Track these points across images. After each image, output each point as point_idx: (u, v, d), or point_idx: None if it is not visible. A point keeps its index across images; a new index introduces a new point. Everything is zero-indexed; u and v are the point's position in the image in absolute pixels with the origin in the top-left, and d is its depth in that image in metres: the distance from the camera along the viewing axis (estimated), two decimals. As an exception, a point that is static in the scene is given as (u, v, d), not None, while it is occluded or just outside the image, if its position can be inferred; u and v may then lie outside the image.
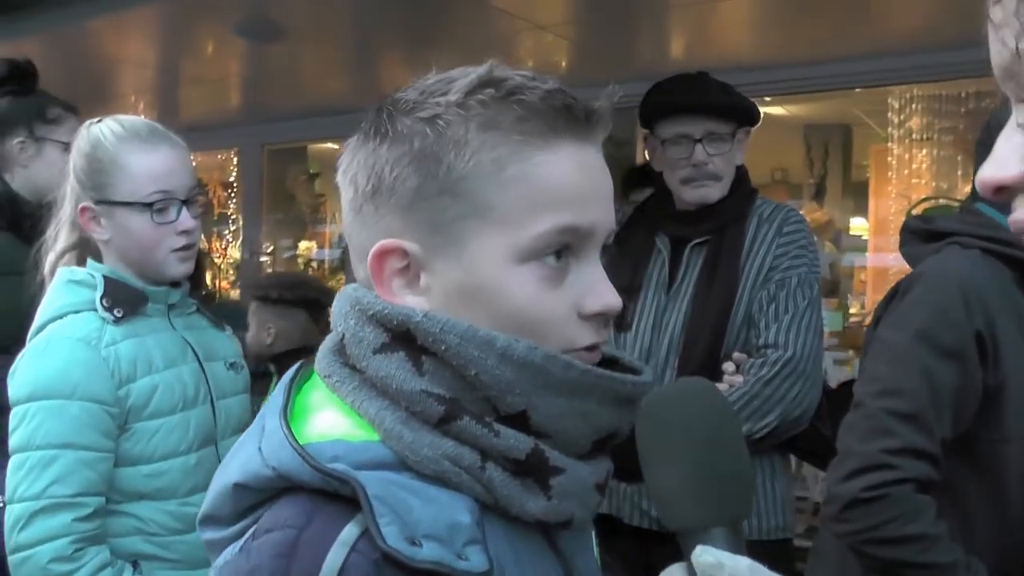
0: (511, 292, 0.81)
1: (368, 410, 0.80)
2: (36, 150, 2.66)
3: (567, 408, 0.80)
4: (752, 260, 2.16)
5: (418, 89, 0.83)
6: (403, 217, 0.82)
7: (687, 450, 0.71)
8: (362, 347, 0.82)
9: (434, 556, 0.72)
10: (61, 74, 4.63)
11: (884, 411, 1.55)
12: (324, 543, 0.73)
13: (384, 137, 0.83)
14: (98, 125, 1.78)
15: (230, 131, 5.40)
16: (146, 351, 1.76)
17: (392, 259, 0.83)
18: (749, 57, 3.90)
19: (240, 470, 0.80)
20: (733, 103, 2.23)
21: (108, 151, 1.75)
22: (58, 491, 1.63)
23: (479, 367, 0.78)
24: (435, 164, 0.80)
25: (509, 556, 0.80)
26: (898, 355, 1.59)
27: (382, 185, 0.82)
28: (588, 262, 0.84)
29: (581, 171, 0.82)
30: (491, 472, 0.79)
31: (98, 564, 1.65)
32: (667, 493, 0.72)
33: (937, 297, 1.58)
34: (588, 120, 0.83)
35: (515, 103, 0.80)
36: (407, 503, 0.74)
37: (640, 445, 0.75)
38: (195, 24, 3.89)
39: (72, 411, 1.66)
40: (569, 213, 0.81)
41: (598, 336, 0.85)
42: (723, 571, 0.68)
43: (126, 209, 1.75)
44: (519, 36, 3.81)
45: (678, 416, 0.73)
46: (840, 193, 5.87)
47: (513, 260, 0.80)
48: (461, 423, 0.78)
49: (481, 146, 0.79)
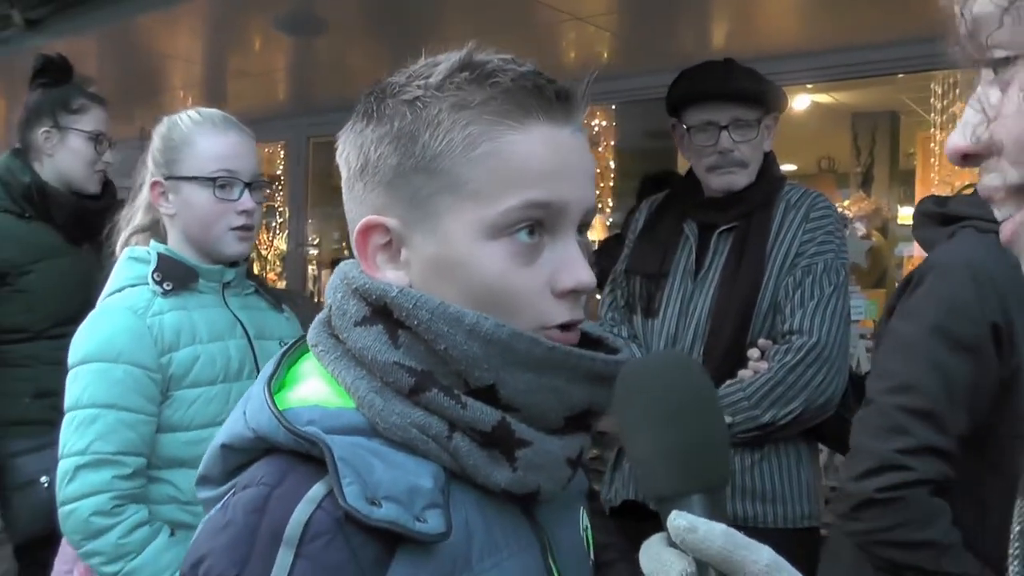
0: (482, 266, 0.84)
1: (345, 379, 0.85)
2: (60, 139, 2.78)
3: (535, 383, 0.83)
4: (779, 246, 2.16)
5: (406, 73, 0.88)
6: (385, 194, 0.86)
7: (659, 419, 0.72)
8: (345, 319, 0.86)
9: (390, 516, 0.75)
10: (115, 69, 4.77)
11: (898, 408, 1.50)
12: (293, 500, 0.77)
13: (371, 118, 0.87)
14: (178, 114, 1.94)
15: (277, 124, 5.48)
16: (191, 323, 1.86)
17: (375, 235, 0.87)
18: (790, 44, 3.87)
19: (227, 432, 0.86)
20: (759, 89, 2.23)
21: (182, 132, 1.90)
22: (100, 447, 1.75)
23: (448, 342, 0.81)
24: (412, 143, 0.84)
25: (478, 523, 0.84)
26: (911, 349, 1.54)
27: (368, 164, 0.87)
28: (562, 240, 0.86)
29: (552, 150, 0.85)
30: (458, 442, 0.82)
31: (135, 521, 1.76)
32: (643, 462, 0.74)
33: (950, 288, 1.53)
34: (560, 100, 0.86)
35: (489, 85, 0.84)
36: (370, 465, 0.78)
37: (617, 417, 0.77)
38: (241, 18, 3.95)
39: (116, 374, 1.78)
40: (537, 189, 0.84)
41: (572, 314, 0.87)
42: (696, 534, 0.69)
43: (191, 183, 1.88)
44: (561, 28, 3.82)
45: (650, 386, 0.74)
46: (888, 181, 5.78)
47: (484, 235, 0.84)
48: (430, 394, 0.82)
49: (453, 125, 0.83)
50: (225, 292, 1.96)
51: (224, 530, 0.79)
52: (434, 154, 0.84)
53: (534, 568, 0.89)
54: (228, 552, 0.77)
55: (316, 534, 0.75)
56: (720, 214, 2.23)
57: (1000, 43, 0.60)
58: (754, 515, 2.09)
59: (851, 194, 5.77)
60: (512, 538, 0.87)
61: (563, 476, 0.88)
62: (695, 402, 0.74)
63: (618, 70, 4.14)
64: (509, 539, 0.87)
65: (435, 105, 0.84)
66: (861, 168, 5.82)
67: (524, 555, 0.88)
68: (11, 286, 2.69)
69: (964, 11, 0.62)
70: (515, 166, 0.83)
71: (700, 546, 0.68)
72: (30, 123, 2.80)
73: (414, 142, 0.84)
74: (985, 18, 0.61)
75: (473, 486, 0.84)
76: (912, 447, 1.47)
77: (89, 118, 2.81)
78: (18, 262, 2.70)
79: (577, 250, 0.87)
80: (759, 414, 2.06)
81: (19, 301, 2.70)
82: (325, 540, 0.75)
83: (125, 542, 1.74)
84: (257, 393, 0.85)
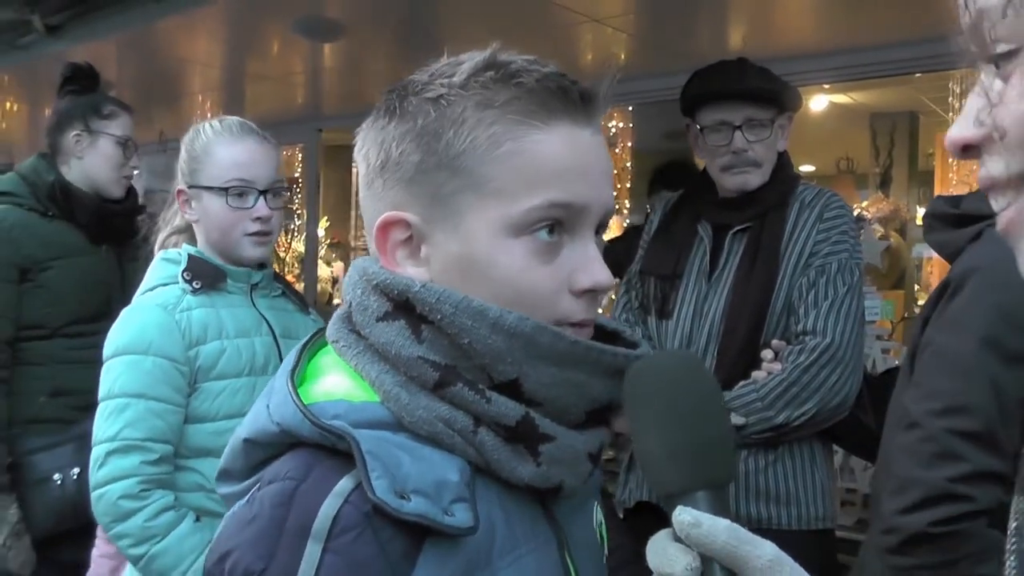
0: (503, 264, 0.85)
1: (370, 373, 0.85)
2: (91, 142, 2.87)
3: (558, 377, 0.84)
4: (792, 246, 2.15)
5: (428, 71, 0.88)
6: (406, 190, 0.87)
7: (667, 418, 0.74)
8: (367, 315, 0.87)
9: (420, 510, 0.76)
10: (135, 73, 4.81)
11: (948, 432, 1.36)
12: (320, 494, 0.77)
13: (393, 115, 0.88)
14: (203, 123, 2.02)
15: (293, 128, 5.51)
16: (218, 319, 1.95)
17: (395, 230, 0.88)
18: (807, 44, 3.85)
19: (250, 426, 0.86)
20: (772, 88, 2.22)
21: (203, 141, 2.00)
22: (129, 434, 1.83)
23: (472, 336, 0.82)
24: (435, 140, 0.85)
25: (500, 518, 0.84)
26: (960, 366, 1.39)
27: (389, 160, 0.88)
28: (581, 239, 0.87)
29: (574, 150, 0.86)
30: (483, 436, 0.83)
31: (162, 506, 1.84)
32: (649, 459, 0.75)
33: (998, 295, 1.37)
34: (584, 102, 0.87)
35: (513, 84, 0.84)
36: (398, 459, 0.79)
37: (626, 413, 0.78)
38: (258, 22, 3.98)
39: (146, 366, 1.87)
40: (560, 189, 0.84)
41: (588, 313, 0.88)
42: (700, 529, 0.69)
43: (208, 192, 1.97)
44: (577, 30, 3.82)
45: (658, 385, 0.76)
46: (907, 182, 5.74)
47: (506, 233, 0.84)
48: (455, 389, 0.82)
49: (478, 124, 0.84)
50: (253, 293, 2.05)
51: (250, 524, 0.79)
52: (457, 152, 0.84)
53: (551, 563, 0.89)
54: (255, 546, 0.77)
55: (344, 528, 0.76)
56: (734, 214, 2.23)
57: (1002, 36, 0.60)
58: (768, 516, 2.09)
59: (870, 195, 5.74)
60: (530, 533, 0.88)
61: (584, 471, 0.89)
62: (702, 402, 0.75)
63: (635, 71, 4.13)
64: (528, 534, 0.87)
65: (460, 103, 0.84)
66: (880, 169, 5.78)
67: (542, 551, 0.88)
68: (32, 282, 2.77)
69: (968, 3, 0.62)
70: (538, 166, 0.84)
71: (704, 541, 0.69)
72: (61, 127, 2.89)
73: (437, 140, 0.85)
74: (988, 11, 0.61)
75: (495, 481, 0.85)
76: (967, 474, 1.33)
77: (118, 123, 2.91)
78: (39, 258, 2.78)
79: (595, 250, 0.88)
80: (773, 415, 2.06)
81: (41, 297, 2.78)
82: (354, 534, 0.76)
83: (151, 525, 1.82)
84: (280, 387, 0.85)
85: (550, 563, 0.89)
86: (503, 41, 0.90)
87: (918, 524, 1.35)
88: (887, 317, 4.10)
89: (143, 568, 1.84)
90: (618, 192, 5.76)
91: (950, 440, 1.36)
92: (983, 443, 1.34)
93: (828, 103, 5.39)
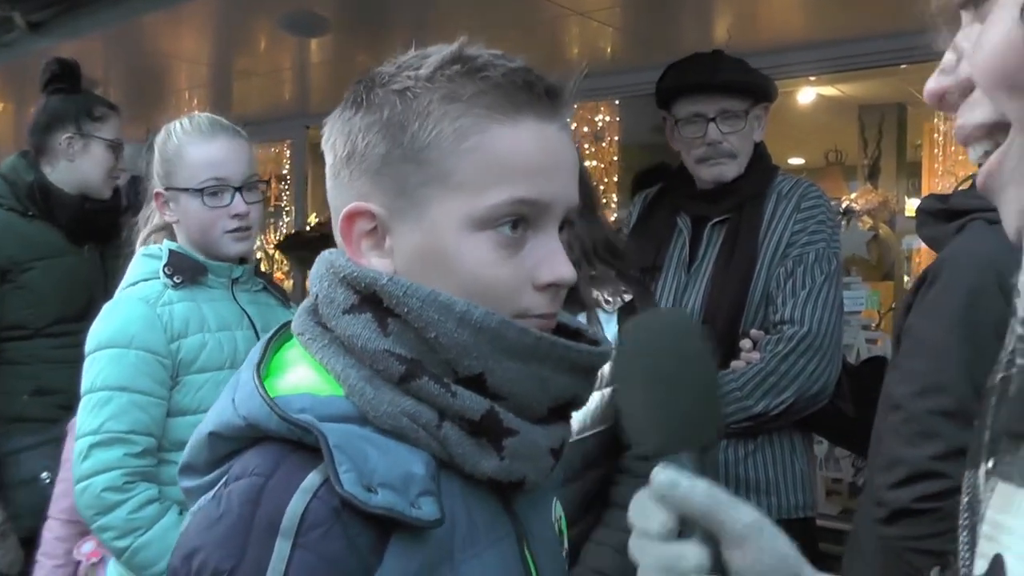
0: (466, 257, 0.85)
1: (335, 367, 0.85)
2: (83, 146, 2.84)
3: (523, 372, 0.84)
4: (770, 237, 2.16)
5: (396, 63, 0.88)
6: (372, 181, 0.87)
7: (653, 378, 0.73)
8: (333, 307, 0.87)
9: (387, 503, 0.76)
10: (121, 71, 4.80)
11: (927, 412, 1.45)
12: (288, 490, 0.77)
13: (359, 107, 0.88)
14: (173, 123, 2.02)
15: (282, 124, 5.51)
16: (199, 313, 1.97)
17: (360, 221, 0.88)
18: (794, 36, 3.85)
19: (215, 420, 0.86)
20: (745, 80, 2.23)
21: (174, 143, 2.00)
22: (112, 427, 1.84)
23: (438, 330, 0.82)
24: (401, 132, 0.85)
25: (461, 512, 0.85)
26: (934, 348, 1.48)
27: (355, 151, 0.88)
28: (545, 234, 0.87)
29: (540, 146, 0.86)
30: (447, 430, 0.83)
31: (145, 498, 1.85)
32: (634, 419, 0.74)
33: (969, 280, 1.46)
34: (549, 97, 0.87)
35: (479, 78, 0.84)
36: (365, 453, 0.79)
37: (613, 372, 0.77)
38: (245, 18, 3.97)
39: (129, 359, 1.87)
40: (524, 185, 0.85)
41: (551, 307, 0.88)
42: (677, 490, 0.69)
43: (185, 194, 1.97)
44: (564, 23, 3.82)
45: (647, 345, 0.75)
46: (895, 173, 5.74)
47: (469, 227, 0.84)
48: (420, 382, 0.82)
49: (443, 117, 0.84)
50: (235, 288, 2.06)
51: (218, 522, 0.79)
52: (422, 145, 0.84)
53: (511, 558, 0.90)
54: (223, 545, 0.77)
55: (313, 524, 0.76)
56: (712, 206, 2.24)
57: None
58: (749, 506, 2.08)
59: (859, 186, 5.74)
60: (491, 528, 0.88)
61: (546, 466, 0.89)
62: (688, 363, 0.74)
63: (621, 65, 4.14)
64: (488, 529, 0.88)
65: (425, 96, 0.85)
66: (868, 160, 5.78)
67: (501, 545, 0.89)
68: (13, 283, 2.76)
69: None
70: (503, 162, 0.84)
71: (681, 502, 0.69)
72: (51, 128, 2.85)
73: (403, 132, 0.85)
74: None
75: (458, 476, 0.85)
76: (944, 451, 1.42)
77: (109, 126, 2.89)
78: (19, 259, 2.76)
79: (559, 245, 0.88)
80: (751, 404, 2.07)
81: (22, 298, 2.77)
82: (323, 530, 0.76)
83: (135, 517, 1.83)
84: (246, 380, 0.85)
85: (510, 557, 0.90)
86: (490, 35, 0.90)
87: (903, 500, 1.44)
88: (873, 307, 4.11)
89: (127, 561, 1.84)
90: (605, 186, 5.74)
91: (928, 419, 1.45)
92: (959, 421, 1.40)
93: (816, 95, 5.39)
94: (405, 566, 0.78)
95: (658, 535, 0.70)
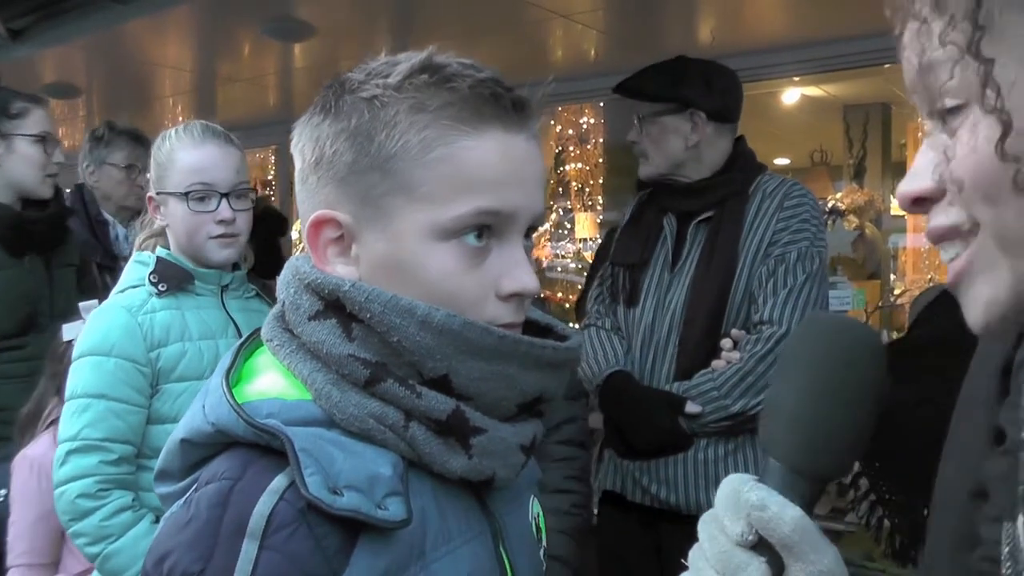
0: (430, 267, 0.85)
1: (302, 371, 0.85)
2: (6, 147, 2.68)
3: (487, 372, 0.84)
4: (752, 236, 2.16)
5: (365, 70, 0.88)
6: (338, 189, 0.87)
7: (814, 388, 0.69)
8: (299, 314, 0.87)
9: (353, 504, 0.76)
10: (104, 78, 4.78)
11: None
12: (255, 493, 0.78)
13: (328, 113, 0.88)
14: (169, 130, 2.04)
15: (267, 130, 5.49)
16: (182, 321, 1.97)
17: (327, 229, 0.88)
18: (777, 37, 3.87)
19: (186, 426, 0.86)
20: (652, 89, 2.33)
21: (167, 149, 2.01)
22: (89, 434, 1.86)
23: (401, 334, 0.82)
24: (368, 141, 0.85)
25: (433, 510, 0.85)
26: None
27: (323, 158, 0.88)
28: (509, 244, 0.88)
29: (505, 157, 0.86)
30: (414, 431, 0.83)
31: (118, 506, 1.86)
32: (772, 410, 0.71)
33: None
34: (516, 109, 0.87)
35: (447, 89, 0.84)
36: (331, 456, 0.79)
37: (785, 355, 0.73)
38: (228, 24, 3.96)
39: (108, 367, 1.89)
40: (489, 197, 0.85)
41: (515, 316, 0.89)
42: (764, 513, 0.67)
43: (172, 198, 1.99)
44: (548, 26, 3.82)
45: (829, 350, 0.70)
46: (880, 173, 5.78)
47: (434, 237, 0.85)
48: (385, 385, 0.83)
49: (410, 127, 0.84)
50: (224, 295, 2.06)
51: (187, 526, 0.79)
52: (389, 155, 0.84)
53: (485, 555, 0.90)
54: (192, 548, 0.78)
55: (280, 525, 0.76)
56: (692, 201, 2.27)
57: (950, 91, 0.62)
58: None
59: (844, 187, 5.77)
60: (464, 525, 0.88)
61: (517, 463, 0.90)
62: (848, 380, 0.69)
63: (605, 67, 4.14)
64: (462, 526, 0.88)
65: (393, 106, 0.85)
66: (853, 160, 5.81)
67: (475, 542, 0.89)
68: None
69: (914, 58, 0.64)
70: (468, 173, 0.84)
71: (768, 525, 0.67)
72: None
73: (370, 141, 0.85)
74: (936, 66, 0.62)
75: (429, 475, 0.85)
76: None
77: (32, 121, 2.72)
78: None
79: (523, 255, 0.89)
80: (729, 404, 2.08)
81: None
82: (289, 531, 0.76)
83: (107, 524, 1.84)
84: (215, 386, 0.85)
85: (485, 554, 0.90)
86: (472, 39, 0.91)
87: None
88: (859, 306, 4.12)
89: (99, 567, 1.86)
90: (591, 188, 5.75)
91: None
92: None
93: (801, 96, 5.41)
94: (373, 566, 0.79)
95: (734, 540, 0.68)
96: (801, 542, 0.66)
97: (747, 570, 0.67)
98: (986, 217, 0.61)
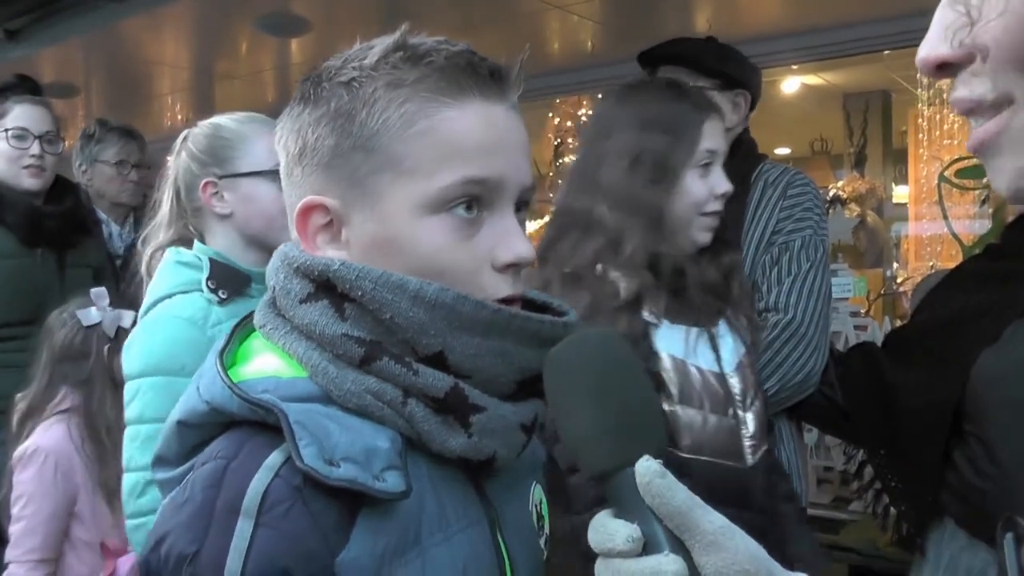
0: (422, 242, 0.85)
1: (297, 350, 0.85)
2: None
3: (483, 347, 0.84)
4: (756, 224, 2.14)
5: (342, 57, 0.88)
6: (324, 175, 0.87)
7: (584, 396, 0.72)
8: (290, 298, 0.87)
9: (350, 475, 0.76)
10: (101, 77, 4.77)
11: None
12: (250, 471, 0.77)
13: (307, 102, 0.88)
14: (210, 119, 1.89)
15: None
16: None
17: (315, 215, 0.88)
18: (775, 25, 3.85)
19: (182, 408, 0.86)
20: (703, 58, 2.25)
21: (232, 130, 1.86)
22: None
23: (393, 310, 0.82)
24: (349, 122, 0.85)
25: (430, 495, 0.84)
26: None
27: (306, 147, 0.88)
28: (501, 214, 0.87)
29: (487, 125, 0.86)
30: (412, 407, 0.83)
31: None
32: (579, 442, 0.72)
33: None
34: (494, 78, 0.87)
35: (423, 64, 0.85)
36: (327, 429, 0.78)
37: (548, 398, 0.76)
38: (222, 20, 3.95)
39: (179, 388, 1.72)
40: (474, 165, 0.85)
41: (514, 288, 0.88)
42: (665, 479, 0.67)
43: (252, 179, 1.83)
44: (544, 17, 3.81)
45: (570, 365, 0.74)
46: (881, 161, 5.76)
47: (423, 211, 0.84)
48: (381, 363, 0.82)
49: (389, 103, 0.84)
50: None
51: (183, 507, 0.79)
52: (371, 132, 0.84)
53: (482, 543, 0.89)
54: (188, 529, 0.77)
55: (275, 502, 0.75)
56: None
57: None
58: (737, 496, 2.07)
59: (845, 175, 5.75)
60: (462, 513, 0.87)
61: (518, 442, 0.89)
62: (616, 374, 0.73)
63: (601, 58, 4.13)
64: (459, 513, 0.87)
65: (370, 84, 0.85)
66: (854, 148, 5.80)
67: (472, 530, 0.88)
68: None
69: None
70: (451, 143, 0.84)
71: (665, 494, 0.67)
72: None
73: (351, 121, 0.85)
74: None
75: (426, 458, 0.85)
76: None
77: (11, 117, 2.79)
78: None
79: (515, 224, 0.88)
80: None
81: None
82: (285, 507, 0.75)
83: None
84: (209, 366, 0.85)
85: (482, 543, 0.89)
86: (471, 32, 0.90)
87: None
88: (860, 294, 4.11)
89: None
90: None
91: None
92: None
93: (800, 85, 5.40)
94: (372, 545, 0.78)
95: (629, 549, 0.67)
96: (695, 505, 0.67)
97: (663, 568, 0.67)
98: (1019, 90, 0.56)
